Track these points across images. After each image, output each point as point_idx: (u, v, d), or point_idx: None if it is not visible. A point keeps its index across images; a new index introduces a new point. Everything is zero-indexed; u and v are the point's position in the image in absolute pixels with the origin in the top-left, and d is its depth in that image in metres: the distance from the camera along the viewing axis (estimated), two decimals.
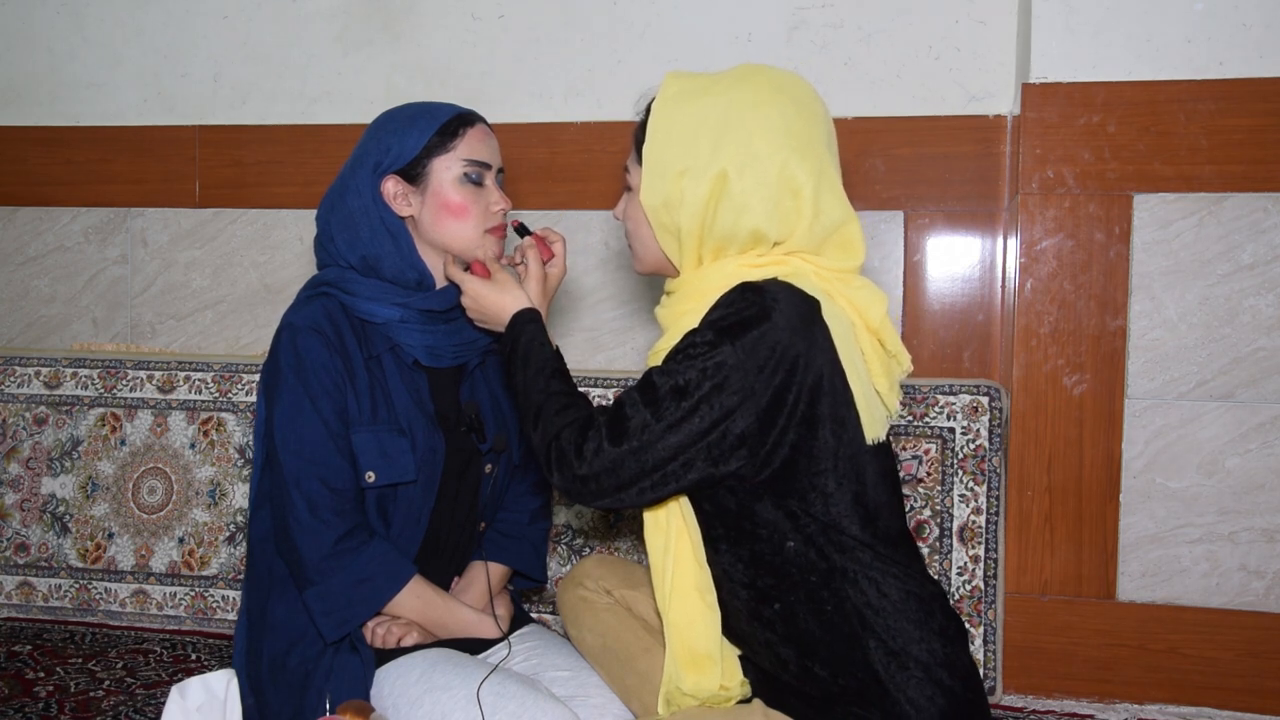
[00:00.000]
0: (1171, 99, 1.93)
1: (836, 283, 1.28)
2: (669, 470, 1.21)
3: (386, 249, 1.50)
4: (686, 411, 1.19)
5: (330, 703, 1.40)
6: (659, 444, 1.19)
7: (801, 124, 1.27)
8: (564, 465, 1.24)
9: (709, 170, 1.26)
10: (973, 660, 1.27)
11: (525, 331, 1.39)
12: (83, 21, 2.64)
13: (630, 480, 1.21)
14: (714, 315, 1.22)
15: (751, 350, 1.18)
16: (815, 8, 2.28)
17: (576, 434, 1.24)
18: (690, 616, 1.30)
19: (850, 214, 1.29)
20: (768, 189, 1.25)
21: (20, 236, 2.70)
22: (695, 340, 1.21)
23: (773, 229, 1.26)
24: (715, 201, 1.26)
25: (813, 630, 1.24)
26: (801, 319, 1.21)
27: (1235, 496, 1.95)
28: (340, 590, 1.43)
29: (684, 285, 1.33)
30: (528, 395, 1.32)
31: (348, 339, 1.49)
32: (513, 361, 1.37)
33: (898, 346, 1.30)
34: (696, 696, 1.31)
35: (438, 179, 1.51)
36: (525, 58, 2.42)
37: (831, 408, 1.22)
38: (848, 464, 1.23)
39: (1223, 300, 1.94)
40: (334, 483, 1.45)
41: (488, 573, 1.62)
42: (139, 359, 2.41)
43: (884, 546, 1.25)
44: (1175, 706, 1.97)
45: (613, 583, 1.60)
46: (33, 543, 2.36)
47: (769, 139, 1.25)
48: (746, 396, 1.18)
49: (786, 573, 1.24)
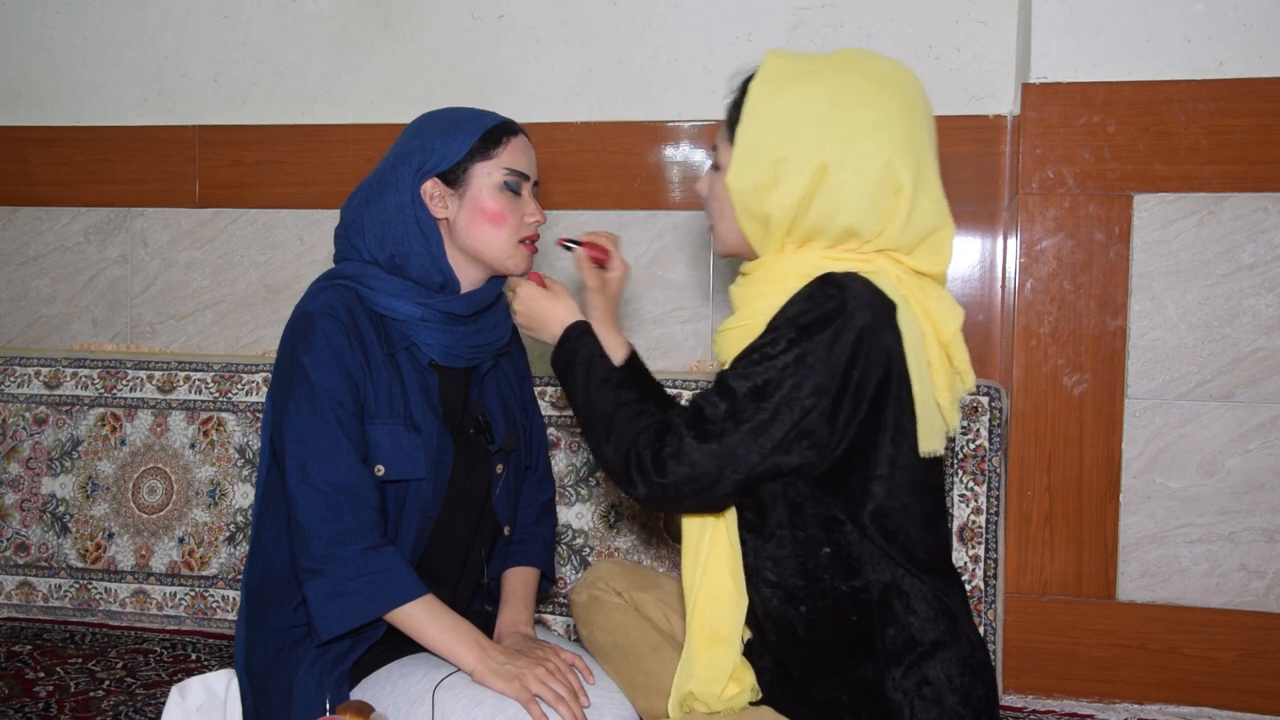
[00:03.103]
0: (1171, 99, 1.93)
1: (916, 289, 1.25)
2: (751, 472, 1.18)
3: (417, 249, 1.51)
4: (768, 413, 1.16)
5: (330, 703, 1.40)
6: (740, 446, 1.17)
7: (906, 121, 1.22)
8: (644, 473, 1.20)
9: (808, 162, 1.21)
10: (992, 690, 1.25)
11: (581, 345, 1.36)
12: (83, 21, 2.64)
13: (712, 483, 1.18)
14: (792, 311, 1.19)
15: (829, 346, 1.16)
16: (815, 8, 2.28)
17: (654, 439, 1.20)
18: (718, 596, 1.29)
19: (945, 219, 1.26)
20: (867, 186, 1.21)
21: (20, 236, 2.70)
22: (774, 338, 1.18)
23: (866, 227, 1.22)
24: (811, 194, 1.22)
25: (832, 638, 1.23)
26: (877, 320, 1.18)
27: (1235, 496, 1.95)
28: (341, 582, 1.41)
29: (762, 268, 1.29)
30: (593, 409, 1.29)
31: (365, 331, 1.49)
32: (571, 377, 1.34)
33: (965, 364, 1.27)
34: (710, 686, 1.29)
35: (477, 185, 1.51)
36: (525, 58, 2.42)
37: (895, 414, 1.20)
38: (902, 474, 1.21)
39: (1223, 300, 1.94)
40: (348, 477, 1.43)
41: (524, 581, 1.66)
42: (139, 359, 2.41)
43: (921, 564, 1.23)
44: (1175, 706, 1.97)
45: (623, 585, 1.60)
46: (33, 543, 2.36)
47: (873, 135, 1.20)
48: (823, 393, 1.16)
49: (818, 578, 1.23)
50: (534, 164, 1.57)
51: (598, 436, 1.28)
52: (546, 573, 1.73)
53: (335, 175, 2.47)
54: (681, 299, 2.35)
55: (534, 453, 1.77)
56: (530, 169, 1.56)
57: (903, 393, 1.20)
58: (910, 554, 1.22)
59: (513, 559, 1.69)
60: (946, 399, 1.25)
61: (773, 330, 1.20)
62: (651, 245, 2.36)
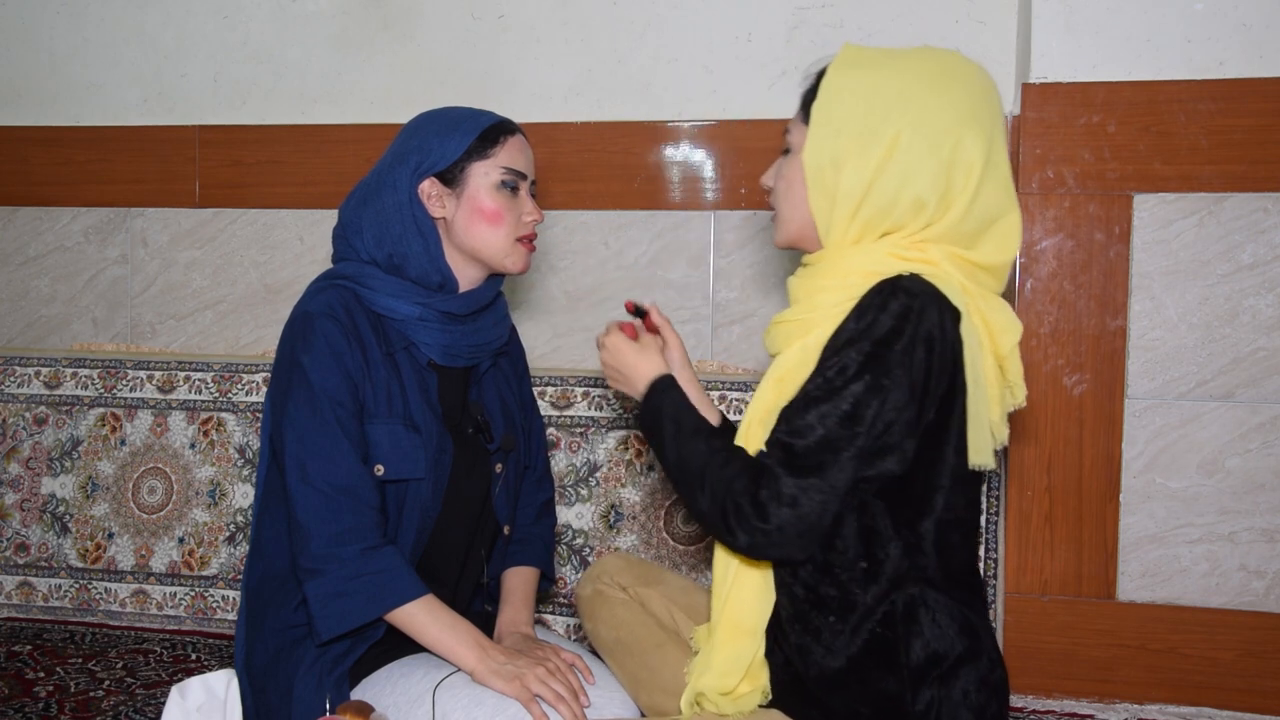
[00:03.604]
0: (1171, 99, 1.93)
1: (977, 298, 1.25)
2: (842, 497, 1.17)
3: (415, 249, 1.51)
4: (864, 436, 1.16)
5: (330, 703, 1.40)
6: (840, 475, 1.16)
7: (978, 104, 1.25)
8: (744, 521, 1.17)
9: (883, 133, 1.22)
10: (1005, 705, 1.25)
11: (667, 399, 1.32)
12: (83, 21, 2.64)
13: (818, 519, 1.17)
14: (863, 323, 1.18)
15: (907, 356, 1.16)
16: (815, 8, 2.28)
17: (749, 484, 1.18)
18: (748, 589, 1.28)
19: (1013, 204, 1.26)
20: (939, 159, 1.21)
21: (20, 236, 2.70)
22: (850, 356, 1.17)
23: (933, 199, 1.22)
24: (883, 164, 1.22)
25: (855, 649, 1.22)
26: (944, 326, 1.19)
27: (1235, 496, 1.95)
28: (341, 582, 1.41)
29: (826, 259, 1.28)
30: (684, 462, 1.26)
31: (364, 330, 1.49)
32: (658, 431, 1.31)
33: (1019, 379, 1.27)
34: (727, 678, 1.28)
35: (475, 184, 1.51)
36: (525, 58, 2.42)
37: (958, 424, 1.20)
38: (959, 485, 1.22)
39: (1223, 300, 1.94)
40: (348, 477, 1.43)
41: (523, 580, 1.65)
42: (139, 359, 2.41)
43: (953, 578, 1.23)
44: (1175, 706, 1.97)
45: (628, 580, 1.60)
46: (33, 543, 2.36)
47: (947, 113, 1.22)
48: (907, 405, 1.16)
49: (849, 589, 1.22)
50: (531, 163, 1.57)
51: (691, 490, 1.24)
52: (546, 572, 1.73)
53: (335, 175, 2.47)
54: (681, 299, 2.35)
55: (533, 452, 1.77)
56: (528, 168, 1.56)
57: (960, 403, 1.20)
58: (947, 568, 1.22)
59: (512, 559, 1.69)
60: (997, 413, 1.25)
61: (845, 347, 1.19)
62: (651, 245, 2.36)
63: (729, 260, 2.32)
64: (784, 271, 2.29)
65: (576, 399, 2.21)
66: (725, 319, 2.34)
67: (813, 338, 1.25)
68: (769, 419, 1.25)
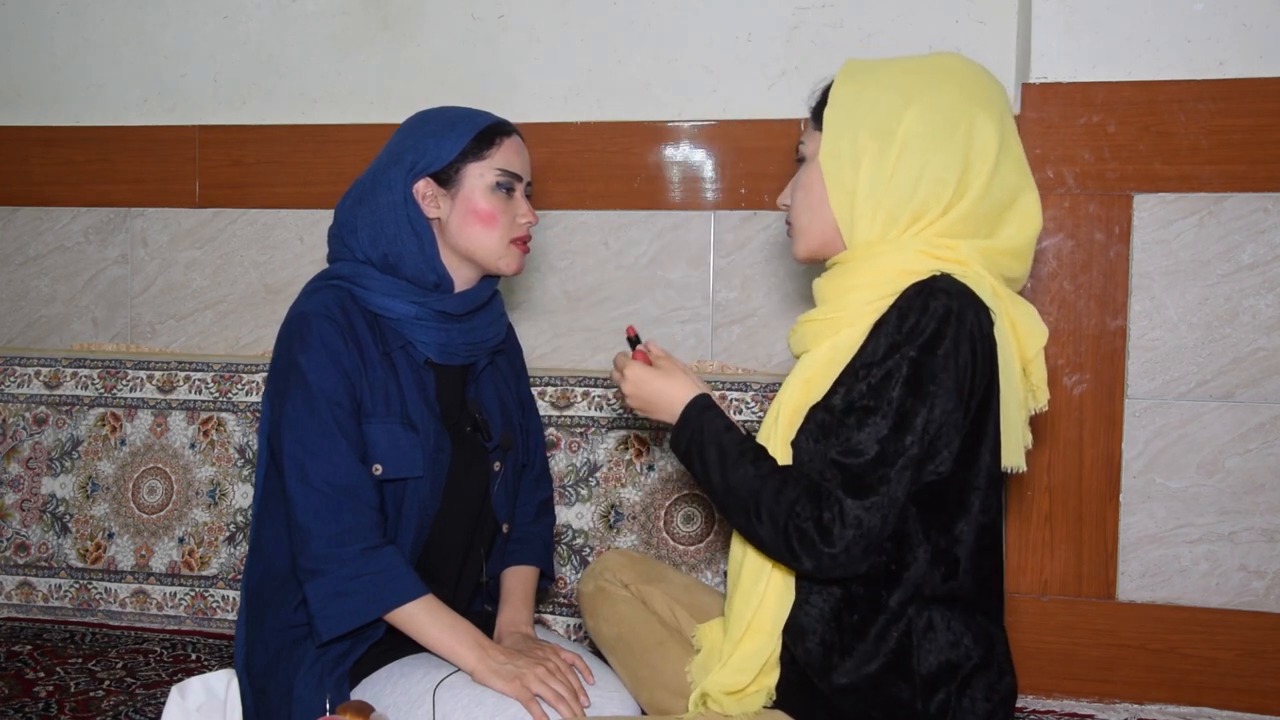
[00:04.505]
0: (1171, 99, 1.93)
1: (1006, 300, 1.26)
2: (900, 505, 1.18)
3: (410, 248, 1.51)
4: (916, 445, 1.16)
5: (330, 703, 1.40)
6: (899, 486, 1.16)
7: (988, 91, 1.28)
8: (809, 547, 1.17)
9: (896, 123, 1.24)
10: (1011, 715, 1.26)
11: (706, 422, 1.30)
12: (83, 21, 2.64)
13: (880, 534, 1.17)
14: (904, 331, 1.18)
15: (951, 357, 1.17)
16: (815, 8, 2.28)
17: (811, 509, 1.17)
18: (773, 591, 1.28)
19: (1029, 183, 1.29)
20: (955, 140, 1.23)
21: (20, 236, 2.70)
22: (895, 362, 1.17)
23: (953, 179, 1.23)
24: (901, 153, 1.24)
25: (873, 653, 1.22)
26: (981, 326, 1.20)
27: (1235, 496, 1.95)
28: (341, 582, 1.41)
29: (856, 257, 1.28)
30: (734, 490, 1.24)
31: (361, 330, 1.49)
32: (700, 457, 1.28)
33: (1042, 383, 1.29)
34: (739, 675, 1.28)
35: (470, 185, 1.51)
36: (525, 58, 2.42)
37: (993, 424, 1.21)
38: (994, 488, 1.22)
39: (1223, 300, 1.94)
40: (347, 477, 1.43)
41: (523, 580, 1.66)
42: (139, 359, 2.41)
43: (984, 585, 1.24)
44: (1175, 706, 1.97)
45: (631, 577, 1.60)
46: (33, 543, 2.36)
47: (957, 98, 1.25)
48: (955, 408, 1.17)
49: (875, 592, 1.22)
50: (527, 165, 1.57)
51: (746, 518, 1.23)
52: (546, 571, 1.72)
53: (335, 175, 2.47)
54: (681, 299, 2.35)
55: (531, 450, 1.77)
56: (523, 170, 1.55)
57: (994, 405, 1.21)
58: (979, 572, 1.23)
59: (512, 558, 1.69)
60: (1021, 416, 1.26)
61: (890, 352, 1.18)
62: (651, 245, 2.36)
63: (729, 260, 2.32)
64: (784, 272, 2.29)
65: (576, 399, 2.21)
66: (725, 319, 2.34)
67: (842, 337, 1.25)
68: (795, 419, 1.26)
